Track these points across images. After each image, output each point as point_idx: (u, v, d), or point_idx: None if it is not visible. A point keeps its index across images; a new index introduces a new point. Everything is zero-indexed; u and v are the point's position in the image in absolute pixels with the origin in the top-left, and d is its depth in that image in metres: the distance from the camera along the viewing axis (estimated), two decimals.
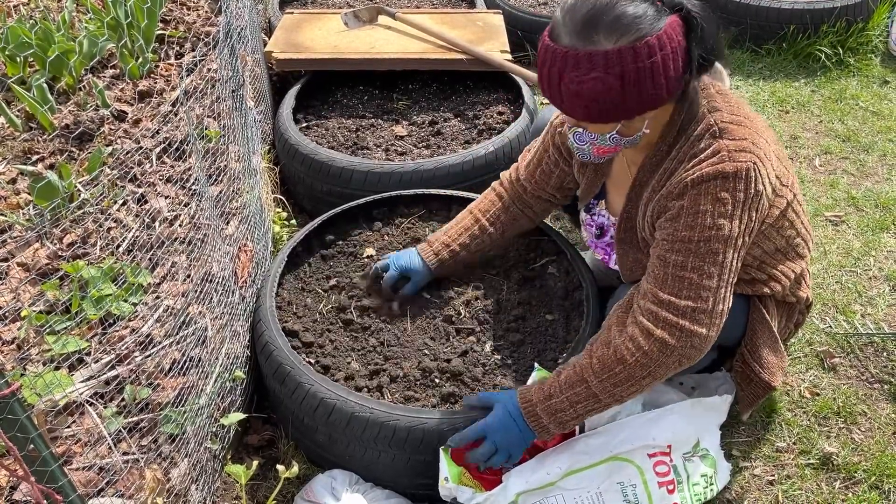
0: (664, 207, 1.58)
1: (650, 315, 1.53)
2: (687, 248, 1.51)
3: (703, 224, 1.50)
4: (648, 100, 1.44)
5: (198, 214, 1.95)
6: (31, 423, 1.11)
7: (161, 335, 1.73)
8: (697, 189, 1.50)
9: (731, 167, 1.48)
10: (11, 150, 2.29)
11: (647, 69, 1.40)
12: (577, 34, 1.41)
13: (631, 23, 1.39)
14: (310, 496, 1.75)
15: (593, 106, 1.44)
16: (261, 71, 2.90)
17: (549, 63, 1.45)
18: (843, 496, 1.85)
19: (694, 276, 1.51)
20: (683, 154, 1.56)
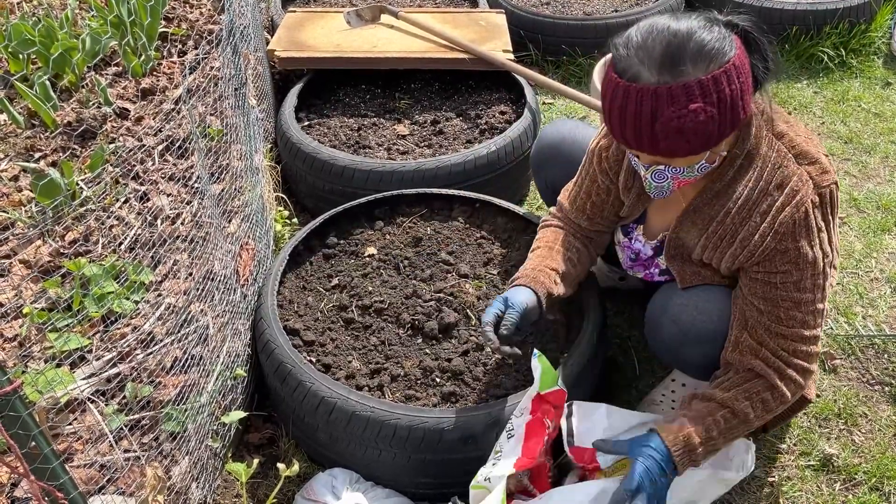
0: (774, 249, 1.55)
1: (804, 356, 1.60)
2: (813, 284, 1.56)
3: (818, 257, 1.54)
4: (738, 120, 1.42)
5: (200, 212, 1.95)
6: (32, 420, 1.11)
7: (162, 333, 1.73)
8: (805, 225, 1.52)
9: (819, 194, 1.52)
10: (14, 148, 2.29)
11: (738, 90, 1.38)
12: (663, 69, 1.35)
13: (715, 48, 1.36)
14: (310, 495, 1.75)
15: (695, 139, 1.38)
16: (263, 69, 2.90)
17: (634, 105, 1.37)
18: (844, 497, 1.85)
19: (819, 305, 1.58)
20: (765, 183, 1.54)
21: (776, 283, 1.57)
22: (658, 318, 1.77)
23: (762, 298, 1.58)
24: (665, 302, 1.77)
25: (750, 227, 1.57)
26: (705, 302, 1.69)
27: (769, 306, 1.58)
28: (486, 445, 1.68)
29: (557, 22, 3.66)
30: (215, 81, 2.13)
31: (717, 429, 1.56)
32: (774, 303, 1.57)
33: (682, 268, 1.75)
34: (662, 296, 1.80)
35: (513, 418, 1.63)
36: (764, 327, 1.59)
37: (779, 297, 1.57)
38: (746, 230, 1.57)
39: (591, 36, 3.61)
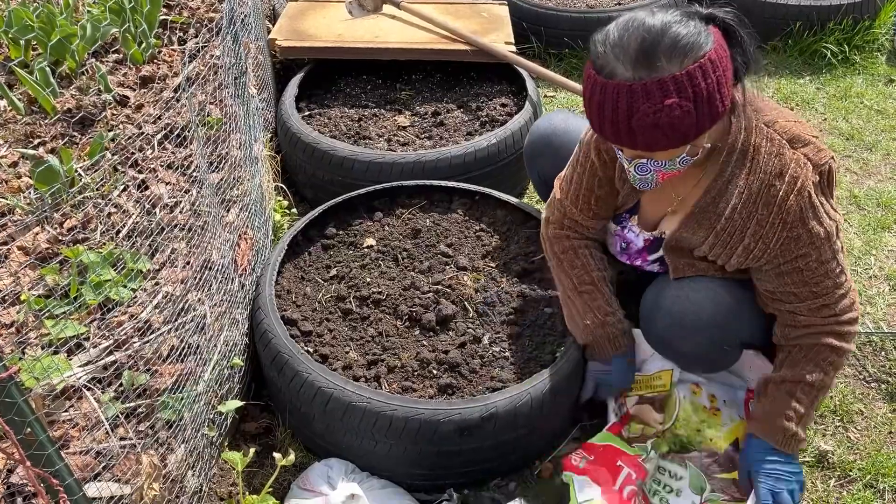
0: (787, 238, 1.59)
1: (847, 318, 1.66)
2: (832, 253, 1.60)
3: (829, 230, 1.58)
4: (716, 114, 1.42)
5: (198, 201, 1.94)
6: (28, 406, 1.11)
7: (160, 321, 1.73)
8: (810, 206, 1.55)
9: (819, 172, 1.54)
10: (13, 134, 2.29)
11: (714, 84, 1.38)
12: (638, 65, 1.36)
13: (690, 42, 1.36)
14: (306, 484, 1.75)
15: (672, 133, 1.39)
16: (264, 58, 2.89)
17: (611, 101, 1.39)
18: (838, 494, 1.85)
19: (843, 261, 1.64)
20: (765, 174, 1.56)
21: (802, 268, 1.61)
22: (651, 311, 1.79)
23: (796, 283, 1.63)
24: (657, 295, 1.78)
25: (758, 220, 1.59)
26: (697, 292, 1.70)
27: (804, 288, 1.63)
28: (481, 437, 1.69)
29: (560, 14, 3.65)
30: (215, 70, 2.12)
31: (803, 405, 1.67)
32: (807, 284, 1.63)
33: (677, 260, 1.76)
34: (655, 288, 1.82)
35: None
36: (807, 309, 1.65)
37: (809, 277, 1.62)
38: (755, 223, 1.59)
39: (593, 28, 3.49)
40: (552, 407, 1.76)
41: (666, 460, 1.78)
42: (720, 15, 1.44)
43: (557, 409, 1.80)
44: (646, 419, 1.86)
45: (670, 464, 1.77)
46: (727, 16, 1.45)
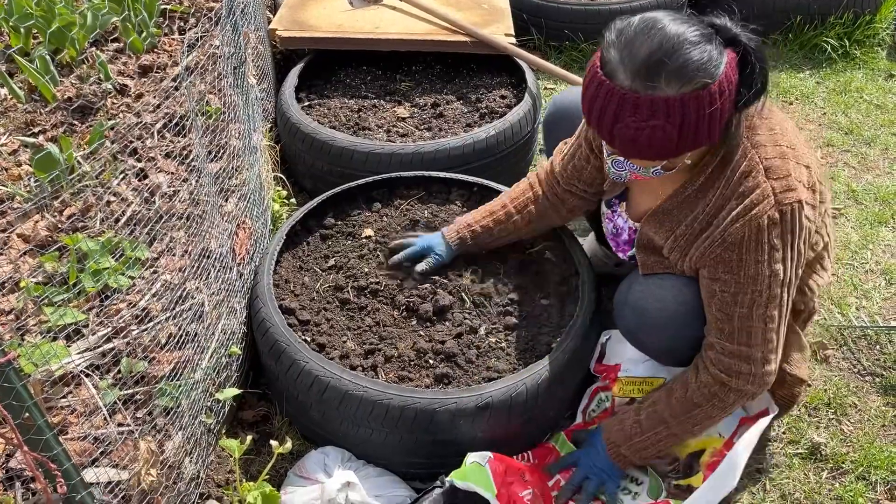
0: (715, 254, 1.56)
1: (723, 367, 1.61)
2: (752, 300, 1.55)
3: (763, 274, 1.52)
4: (701, 142, 1.42)
5: (197, 190, 1.95)
6: (26, 391, 1.12)
7: (158, 309, 1.74)
8: (750, 239, 1.51)
9: (778, 212, 1.49)
10: (13, 122, 2.29)
11: (705, 116, 1.37)
12: (638, 77, 1.36)
13: (696, 70, 1.34)
14: (303, 472, 1.77)
15: (648, 150, 1.41)
16: (264, 49, 2.90)
17: (602, 100, 1.40)
18: (830, 486, 1.87)
19: (761, 325, 1.56)
20: (730, 192, 1.53)
21: (715, 291, 1.59)
22: (621, 305, 1.82)
23: (717, 313, 1.61)
24: (627, 289, 1.81)
25: (708, 235, 1.57)
26: (661, 289, 1.72)
27: (725, 322, 1.60)
28: (477, 427, 1.70)
29: (561, 6, 3.64)
30: (214, 59, 2.12)
31: (640, 428, 1.71)
32: (709, 308, 1.62)
33: (646, 257, 1.77)
34: (626, 284, 1.84)
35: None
36: (709, 342, 1.66)
37: (713, 304, 1.60)
38: (703, 237, 1.58)
39: (594, 21, 3.59)
40: (547, 397, 1.77)
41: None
42: (744, 41, 1.40)
43: (552, 399, 1.81)
44: None
45: (633, 469, 1.81)
46: (749, 42, 1.40)
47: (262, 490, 1.69)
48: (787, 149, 1.53)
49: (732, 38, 1.40)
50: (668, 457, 1.82)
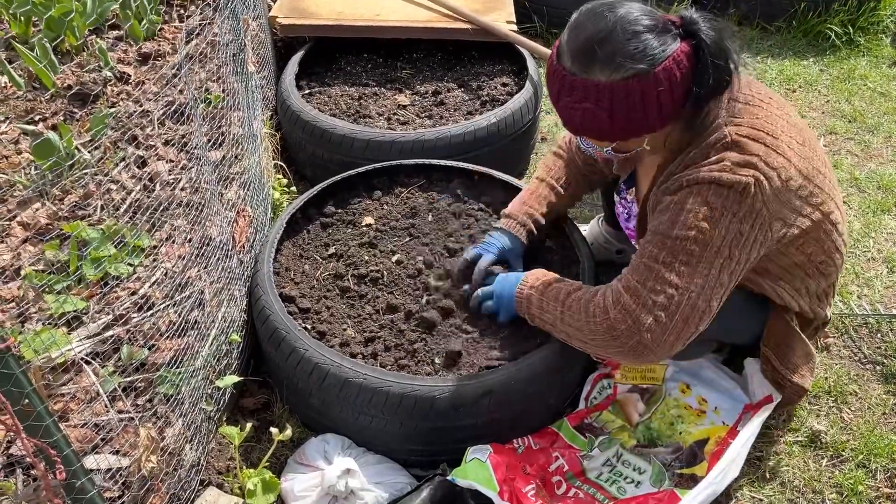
0: (658, 201, 1.59)
1: (615, 294, 1.57)
2: (663, 242, 1.52)
3: (685, 222, 1.49)
4: (640, 128, 1.47)
5: (197, 178, 1.95)
6: (25, 378, 1.12)
7: (159, 297, 1.74)
8: (690, 189, 1.50)
9: (728, 178, 1.46)
10: (14, 110, 2.29)
11: (638, 104, 1.42)
12: (576, 60, 1.44)
13: (627, 59, 1.39)
14: (303, 459, 1.77)
15: (584, 130, 1.51)
16: (265, 36, 2.89)
17: (550, 78, 1.51)
18: (830, 473, 1.87)
19: (662, 269, 1.51)
20: (690, 159, 1.54)
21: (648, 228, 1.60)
22: None
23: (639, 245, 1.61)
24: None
25: (662, 187, 1.60)
26: None
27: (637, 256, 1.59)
28: (476, 413, 1.71)
29: None
30: (214, 47, 2.12)
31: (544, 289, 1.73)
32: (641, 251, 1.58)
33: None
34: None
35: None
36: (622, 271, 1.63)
37: (641, 241, 1.61)
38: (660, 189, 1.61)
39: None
40: (548, 384, 1.77)
41: (633, 454, 1.81)
42: (701, 35, 1.40)
43: (553, 386, 1.81)
44: (629, 408, 1.89)
45: (636, 458, 1.81)
46: (707, 36, 1.40)
47: (263, 477, 1.70)
48: (764, 135, 1.50)
49: (691, 31, 1.42)
50: (672, 444, 1.81)
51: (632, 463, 1.80)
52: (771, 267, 1.68)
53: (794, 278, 1.72)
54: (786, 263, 1.68)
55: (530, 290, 1.76)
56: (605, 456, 1.81)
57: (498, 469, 1.65)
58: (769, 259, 1.64)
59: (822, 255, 1.69)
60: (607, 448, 1.82)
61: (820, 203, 1.62)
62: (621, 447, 1.82)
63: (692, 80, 1.42)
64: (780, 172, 1.49)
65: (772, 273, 1.69)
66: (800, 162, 1.54)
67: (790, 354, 1.80)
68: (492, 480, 1.61)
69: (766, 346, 1.81)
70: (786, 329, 1.78)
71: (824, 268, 1.73)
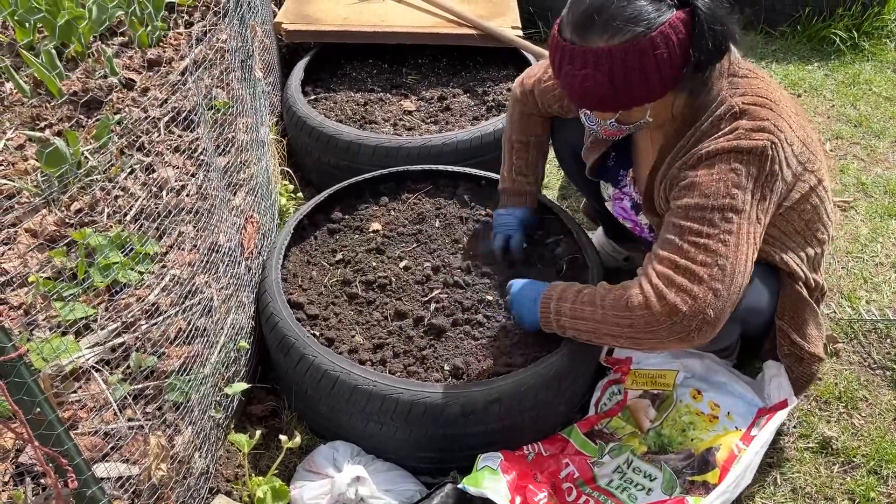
0: (677, 177, 1.59)
1: (665, 278, 1.52)
2: (702, 216, 1.51)
3: (718, 192, 1.50)
4: (640, 95, 1.48)
5: (205, 185, 1.94)
6: (37, 386, 1.12)
7: (167, 304, 1.73)
8: (711, 160, 1.52)
9: (746, 144, 1.49)
10: (20, 117, 2.29)
11: (637, 69, 1.43)
12: (574, 29, 1.46)
13: (624, 23, 1.41)
14: (312, 467, 1.76)
15: (586, 98, 1.51)
16: (270, 42, 2.89)
17: (551, 53, 1.53)
18: (841, 480, 1.86)
19: (710, 242, 1.50)
20: (702, 133, 1.57)
21: (673, 209, 1.58)
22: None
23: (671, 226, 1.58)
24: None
25: (678, 163, 1.61)
26: None
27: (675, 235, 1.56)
28: (486, 420, 1.70)
29: None
30: (221, 53, 2.11)
31: (574, 296, 1.69)
32: (666, 226, 1.58)
33: (657, 223, 1.79)
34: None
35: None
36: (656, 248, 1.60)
37: (670, 220, 1.58)
38: (675, 166, 1.63)
39: None
40: (557, 391, 1.77)
41: (643, 461, 1.80)
42: (697, 3, 1.43)
43: (563, 393, 1.81)
44: (639, 414, 1.88)
45: (647, 465, 1.79)
46: (702, 5, 1.43)
47: (272, 485, 1.69)
48: (768, 101, 1.55)
49: (685, 0, 1.44)
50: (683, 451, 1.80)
51: (643, 470, 1.79)
52: (776, 234, 1.69)
53: (797, 246, 1.74)
54: (789, 230, 1.70)
55: (558, 301, 1.71)
56: (616, 463, 1.80)
57: (509, 476, 1.64)
58: (773, 226, 1.67)
59: (818, 223, 1.73)
60: (618, 455, 1.81)
61: (815, 169, 1.66)
62: (632, 454, 1.81)
63: (690, 46, 1.45)
64: (786, 136, 1.53)
65: (777, 240, 1.71)
66: (798, 128, 1.59)
67: (804, 325, 1.80)
68: (503, 488, 1.60)
69: (781, 319, 1.81)
70: (798, 299, 1.78)
71: (820, 234, 1.76)
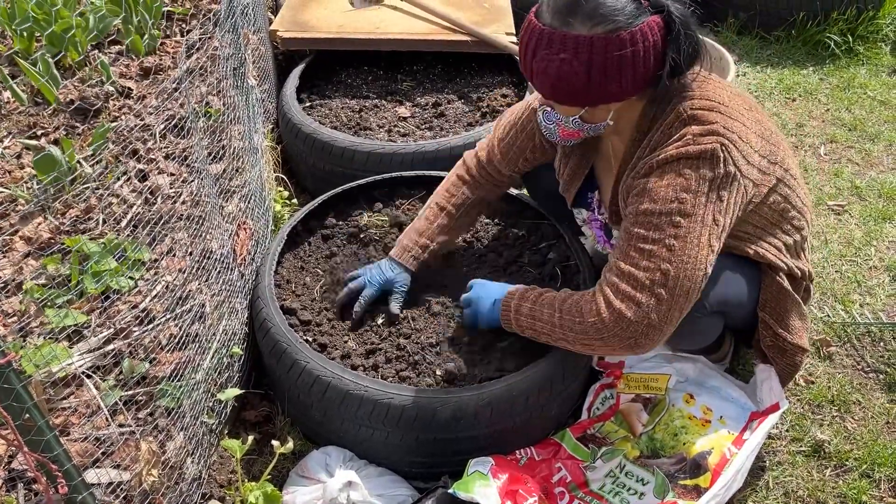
0: (632, 186, 1.61)
1: (612, 286, 1.56)
2: (648, 221, 1.54)
3: (666, 197, 1.52)
4: (613, 91, 1.49)
5: (198, 192, 1.96)
6: (26, 392, 1.12)
7: (159, 310, 1.74)
8: (662, 168, 1.54)
9: (694, 149, 1.51)
10: (16, 125, 2.30)
11: (615, 61, 1.45)
12: (556, 15, 1.47)
13: (609, 13, 1.43)
14: (304, 472, 1.77)
15: (558, 86, 1.50)
16: (265, 49, 2.90)
17: (527, 37, 1.52)
18: (834, 483, 1.86)
19: (654, 247, 1.52)
20: (655, 142, 1.59)
21: (626, 215, 1.61)
22: None
23: (623, 231, 1.61)
24: None
25: (632, 174, 1.62)
26: None
27: (624, 241, 1.59)
28: (478, 425, 1.70)
29: None
30: (215, 61, 2.13)
31: (536, 297, 1.72)
32: (619, 234, 1.62)
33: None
34: None
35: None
36: (609, 263, 1.63)
37: (622, 228, 1.61)
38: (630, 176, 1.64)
39: None
40: (548, 395, 1.77)
41: (636, 465, 1.81)
42: (671, 9, 1.47)
43: (555, 397, 1.81)
44: (632, 418, 1.89)
45: (639, 469, 1.80)
46: (676, 11, 1.47)
47: (264, 490, 1.70)
48: (717, 104, 1.56)
49: (659, 6, 1.47)
50: (675, 455, 1.80)
51: (635, 474, 1.79)
52: (749, 229, 1.70)
53: (773, 237, 1.74)
54: (763, 223, 1.71)
55: (519, 301, 1.75)
56: (608, 467, 1.81)
57: (499, 481, 1.64)
58: (746, 222, 1.67)
59: (791, 210, 1.73)
60: (610, 459, 1.82)
61: (780, 160, 1.67)
62: (624, 458, 1.82)
63: (663, 50, 1.48)
64: (740, 135, 1.54)
65: (752, 235, 1.72)
66: (753, 125, 1.60)
67: (786, 316, 1.80)
68: (493, 494, 1.61)
69: (763, 310, 1.81)
70: (779, 290, 1.78)
71: (796, 222, 1.76)
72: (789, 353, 1.83)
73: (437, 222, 2.02)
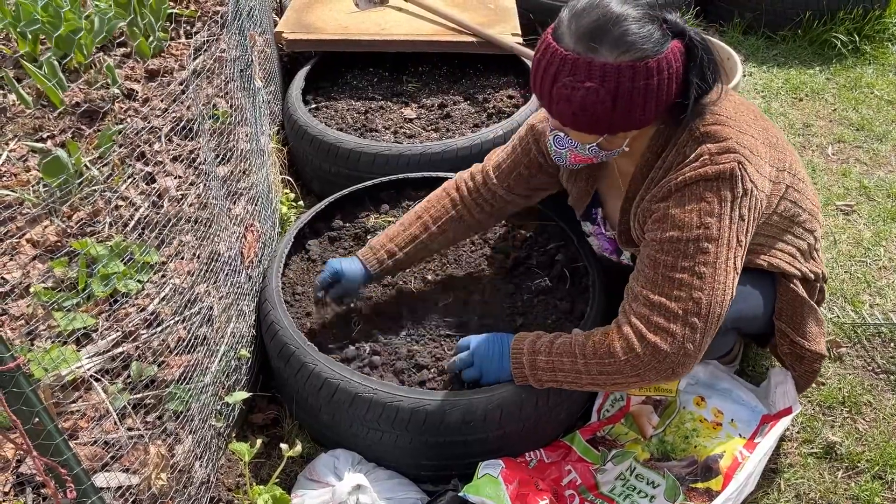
0: (649, 210, 1.58)
1: (642, 318, 1.52)
2: (676, 249, 1.50)
3: (691, 223, 1.49)
4: (635, 120, 1.45)
5: (205, 194, 1.95)
6: (35, 396, 1.12)
7: (168, 313, 1.74)
8: (682, 192, 1.51)
9: (713, 170, 1.48)
10: (22, 128, 2.30)
11: (641, 90, 1.40)
12: (580, 40, 1.40)
13: (636, 41, 1.38)
14: (313, 475, 1.76)
15: (581, 115, 1.44)
16: (271, 51, 2.89)
17: (546, 62, 1.44)
18: (846, 485, 1.84)
19: (685, 276, 1.49)
20: (669, 163, 1.56)
21: (647, 242, 1.57)
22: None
23: (646, 258, 1.57)
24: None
25: (648, 196, 1.59)
26: None
27: (649, 269, 1.55)
28: (487, 427, 1.69)
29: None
30: (221, 63, 2.12)
31: (549, 348, 1.63)
32: (640, 259, 1.58)
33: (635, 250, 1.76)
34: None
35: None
36: (632, 282, 1.60)
37: (644, 255, 1.57)
38: (646, 199, 1.60)
39: None
40: (558, 398, 1.76)
41: (646, 468, 1.79)
42: (691, 34, 1.43)
43: (564, 399, 1.80)
44: (642, 420, 1.88)
45: (650, 472, 1.78)
46: (696, 37, 1.43)
47: (273, 493, 1.69)
48: (725, 118, 1.54)
49: (679, 31, 1.43)
50: (686, 458, 1.79)
51: (645, 477, 1.78)
52: (761, 240, 1.69)
53: (785, 243, 1.73)
54: (773, 232, 1.69)
55: (532, 356, 1.65)
56: (619, 470, 1.80)
57: (510, 484, 1.63)
58: (757, 234, 1.65)
59: (802, 214, 1.72)
60: (620, 461, 1.80)
61: (788, 166, 1.65)
62: (634, 461, 1.80)
63: (686, 75, 1.44)
64: (751, 149, 1.52)
65: (764, 245, 1.70)
66: (759, 134, 1.58)
67: (802, 323, 1.79)
68: (504, 496, 1.60)
69: (779, 319, 1.80)
70: (794, 297, 1.77)
71: (808, 224, 1.75)
72: (807, 360, 1.82)
73: (410, 230, 1.95)
